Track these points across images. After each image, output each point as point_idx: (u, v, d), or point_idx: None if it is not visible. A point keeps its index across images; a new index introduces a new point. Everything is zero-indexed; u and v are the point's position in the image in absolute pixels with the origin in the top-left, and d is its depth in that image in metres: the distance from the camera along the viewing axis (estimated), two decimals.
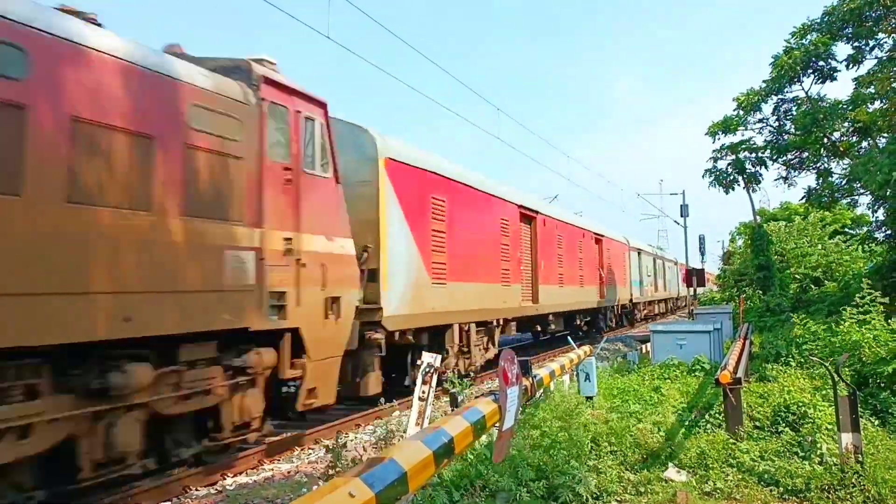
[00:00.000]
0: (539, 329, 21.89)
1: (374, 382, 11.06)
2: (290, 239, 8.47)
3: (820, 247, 26.56)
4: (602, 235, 27.75)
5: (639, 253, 36.51)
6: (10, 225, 5.28)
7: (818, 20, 22.01)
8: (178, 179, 6.93)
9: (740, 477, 6.48)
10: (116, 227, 6.17)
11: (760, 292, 26.13)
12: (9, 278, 5.26)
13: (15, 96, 5.37)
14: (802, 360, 11.49)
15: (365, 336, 10.86)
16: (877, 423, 8.00)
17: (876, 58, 20.97)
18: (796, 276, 25.37)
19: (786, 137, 24.23)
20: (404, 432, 6.91)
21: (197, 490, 7.63)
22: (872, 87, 20.41)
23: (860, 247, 27.40)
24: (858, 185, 20.82)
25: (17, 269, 5.32)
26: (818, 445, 6.88)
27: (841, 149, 22.90)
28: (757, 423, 8.08)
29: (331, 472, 6.37)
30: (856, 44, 21.18)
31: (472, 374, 14.42)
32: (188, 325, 6.95)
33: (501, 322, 16.73)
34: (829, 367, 7.00)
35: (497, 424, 4.58)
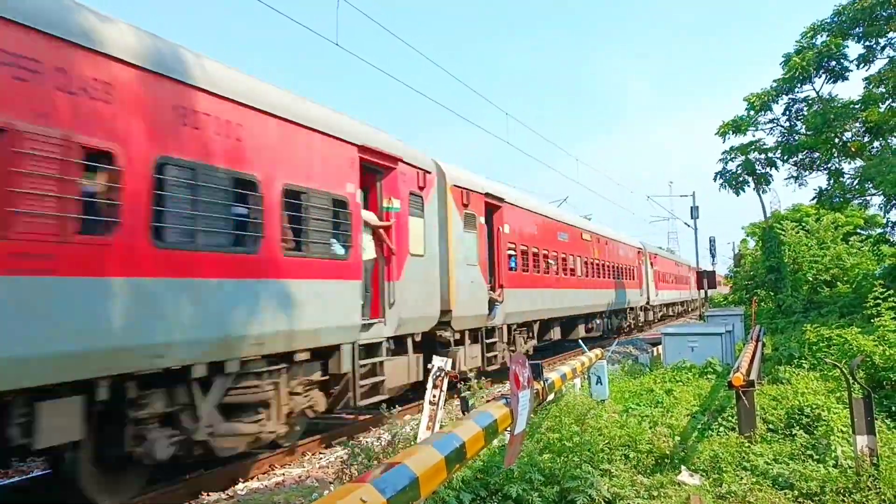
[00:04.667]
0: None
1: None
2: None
3: (832, 249, 26.35)
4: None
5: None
6: None
7: (828, 20, 21.89)
8: None
9: (754, 480, 6.42)
10: None
11: (772, 294, 25.96)
12: None
13: None
14: (816, 362, 11.40)
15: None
16: (892, 425, 7.92)
17: (888, 57, 20.85)
18: (808, 277, 25.19)
19: (796, 137, 24.09)
20: (415, 437, 6.90)
21: (209, 495, 7.63)
22: (883, 86, 20.28)
23: (873, 248, 27.20)
24: (870, 185, 20.67)
25: None
26: (833, 448, 6.81)
27: (852, 149, 22.73)
28: (770, 426, 8.02)
29: (343, 476, 6.36)
30: (867, 43, 21.05)
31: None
32: None
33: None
34: (844, 369, 6.93)
35: (509, 428, 4.56)
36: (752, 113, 24.20)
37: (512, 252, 16.51)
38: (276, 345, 7.84)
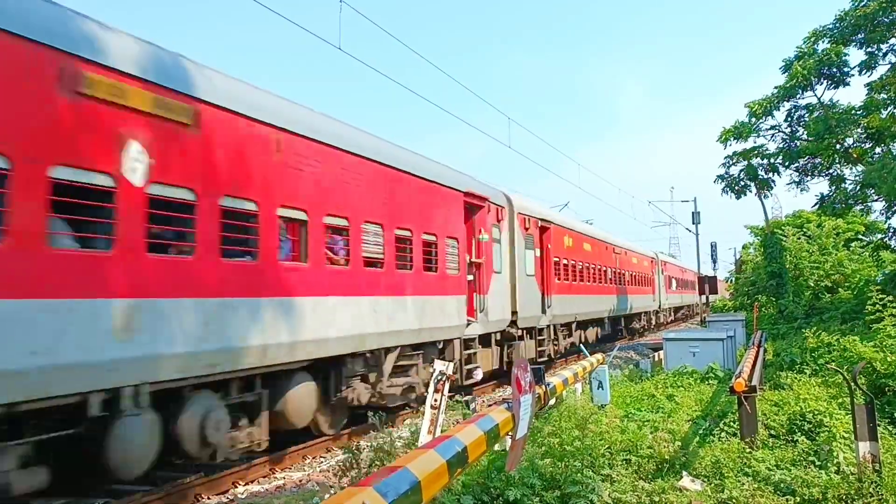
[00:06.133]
0: None
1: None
2: None
3: (833, 255, 26.34)
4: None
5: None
6: None
7: (830, 26, 21.87)
8: None
9: (756, 486, 6.40)
10: None
11: (773, 299, 25.91)
12: None
13: None
14: (817, 368, 11.37)
15: None
16: (894, 431, 7.90)
17: (889, 63, 20.83)
18: (809, 283, 25.16)
19: (798, 143, 24.06)
20: (416, 441, 6.88)
21: (208, 498, 7.62)
22: (885, 92, 20.26)
23: (874, 254, 27.17)
24: (871, 191, 20.65)
25: None
26: (835, 454, 6.79)
27: (854, 155, 22.70)
28: (772, 432, 7.99)
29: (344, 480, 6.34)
30: (868, 49, 21.03)
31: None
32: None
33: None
34: (846, 375, 6.91)
35: (510, 433, 4.55)
36: (753, 119, 24.16)
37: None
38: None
